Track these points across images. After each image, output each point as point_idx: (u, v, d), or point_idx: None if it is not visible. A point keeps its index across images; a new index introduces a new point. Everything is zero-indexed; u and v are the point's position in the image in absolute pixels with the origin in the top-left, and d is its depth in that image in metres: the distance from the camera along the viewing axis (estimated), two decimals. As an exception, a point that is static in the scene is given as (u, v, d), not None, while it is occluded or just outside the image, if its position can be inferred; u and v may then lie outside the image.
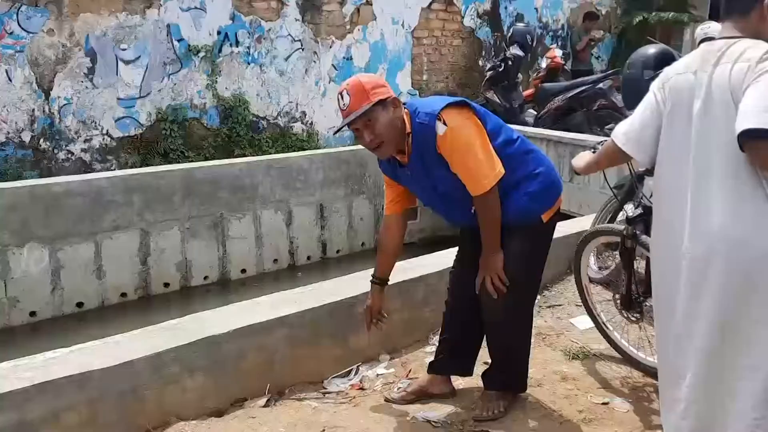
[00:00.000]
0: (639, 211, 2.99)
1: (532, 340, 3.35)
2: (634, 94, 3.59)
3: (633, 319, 3.04)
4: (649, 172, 3.11)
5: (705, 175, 1.81)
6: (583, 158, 2.59)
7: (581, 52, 10.16)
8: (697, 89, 1.85)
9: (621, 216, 3.98)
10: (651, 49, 3.55)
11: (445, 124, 2.38)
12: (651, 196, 2.97)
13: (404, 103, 2.54)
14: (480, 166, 2.41)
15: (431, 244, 2.68)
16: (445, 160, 2.43)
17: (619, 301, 3.05)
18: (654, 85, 2.00)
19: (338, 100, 2.45)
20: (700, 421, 1.85)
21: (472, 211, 2.52)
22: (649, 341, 3.12)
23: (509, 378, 2.75)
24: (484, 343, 2.82)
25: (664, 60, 3.41)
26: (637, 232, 2.90)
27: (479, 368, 2.88)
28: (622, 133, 2.09)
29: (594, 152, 2.66)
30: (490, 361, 2.81)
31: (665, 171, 1.95)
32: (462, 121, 2.43)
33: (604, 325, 3.28)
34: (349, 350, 3.14)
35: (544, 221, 2.60)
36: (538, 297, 3.90)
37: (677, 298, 1.88)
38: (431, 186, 2.56)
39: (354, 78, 2.48)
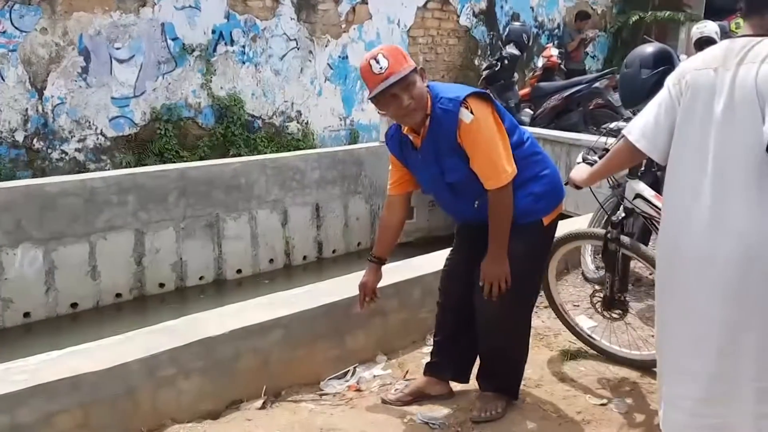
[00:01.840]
0: (621, 214, 2.97)
1: (530, 341, 3.36)
2: (632, 92, 3.58)
3: (616, 316, 3.04)
4: (632, 175, 3.08)
5: (727, 176, 1.78)
6: (582, 170, 2.56)
7: (574, 52, 10.15)
8: (719, 87, 1.81)
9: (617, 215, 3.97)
10: (649, 48, 3.52)
11: (471, 112, 2.36)
12: (633, 198, 2.95)
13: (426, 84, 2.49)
14: (500, 160, 2.39)
15: (427, 244, 2.66)
16: (461, 149, 2.40)
17: (600, 303, 3.04)
18: (669, 81, 1.96)
19: (371, 64, 2.35)
20: (713, 419, 1.83)
21: (476, 205, 2.50)
22: (643, 339, 3.12)
23: (502, 383, 2.72)
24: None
25: (663, 59, 3.39)
26: (619, 235, 2.89)
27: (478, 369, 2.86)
28: (638, 133, 2.03)
29: (587, 162, 2.64)
30: (481, 362, 2.77)
31: (679, 169, 1.92)
32: (487, 112, 2.41)
33: (590, 336, 3.27)
34: (346, 351, 3.12)
35: (545, 224, 2.59)
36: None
37: (693, 299, 1.86)
38: (439, 174, 2.52)
39: (385, 45, 2.46)
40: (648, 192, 2.97)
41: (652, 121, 1.98)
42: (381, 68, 2.33)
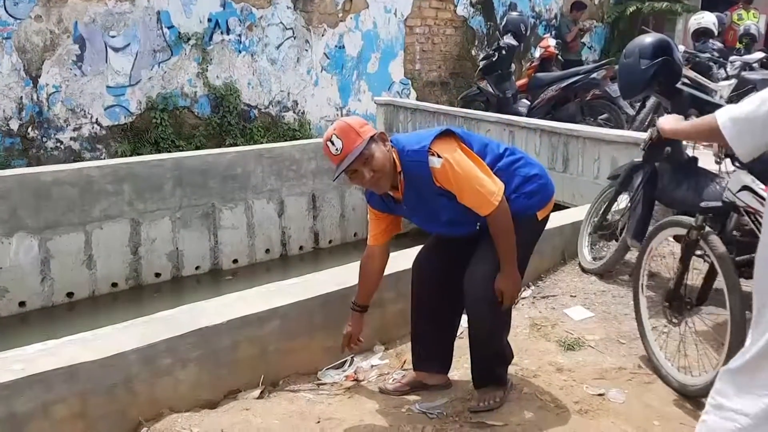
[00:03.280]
0: (716, 204, 2.73)
1: (526, 331, 3.37)
2: (631, 83, 3.56)
3: (673, 321, 2.82)
4: (743, 166, 2.92)
5: None
6: (671, 121, 2.47)
7: (571, 43, 10.12)
8: None
9: (615, 207, 3.97)
10: (648, 38, 3.48)
11: (439, 156, 2.40)
12: (738, 190, 2.69)
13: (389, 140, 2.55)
14: (485, 186, 2.42)
15: (422, 235, 2.64)
16: (445, 190, 2.44)
17: (665, 296, 2.84)
18: None
19: (328, 146, 2.41)
20: None
21: (478, 226, 2.53)
22: (684, 352, 2.89)
23: (494, 374, 2.72)
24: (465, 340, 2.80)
25: (662, 49, 3.36)
26: (707, 228, 2.62)
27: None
28: (729, 117, 1.89)
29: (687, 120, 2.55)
30: (474, 358, 2.77)
31: None
32: (453, 149, 2.45)
33: (643, 323, 3.05)
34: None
35: (539, 218, 2.64)
36: (532, 287, 3.90)
37: None
38: (432, 215, 2.57)
39: (338, 122, 2.45)
40: (758, 185, 2.68)
41: (747, 116, 1.85)
42: (337, 149, 2.39)
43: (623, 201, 3.88)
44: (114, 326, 2.67)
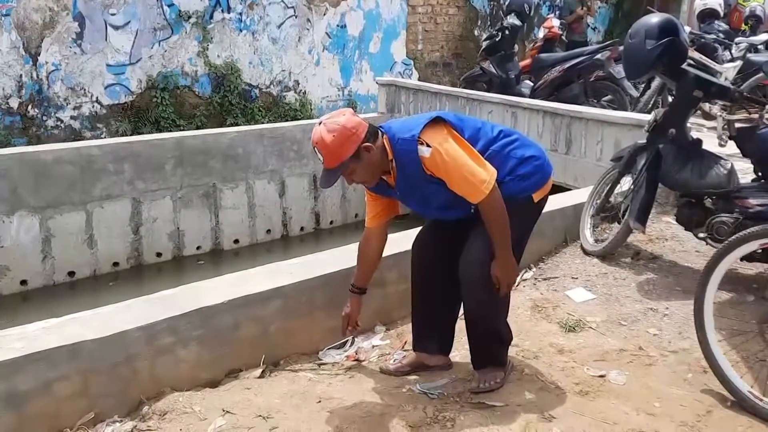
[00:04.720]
0: None
1: (528, 313, 3.37)
2: (636, 64, 3.52)
3: None
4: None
5: None
6: None
7: (575, 23, 10.01)
8: None
9: (618, 189, 3.96)
10: (654, 18, 3.43)
11: (428, 145, 2.39)
12: None
13: (380, 127, 2.53)
14: (475, 174, 2.40)
15: (422, 217, 2.65)
16: (436, 178, 2.43)
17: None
18: None
19: (314, 151, 2.48)
20: None
21: (472, 210, 2.52)
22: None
23: (493, 357, 2.72)
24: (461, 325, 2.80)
25: (668, 29, 3.31)
26: None
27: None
28: None
29: None
30: (472, 342, 2.76)
31: None
32: (443, 137, 2.43)
33: (709, 340, 2.56)
34: (344, 321, 3.11)
35: (535, 201, 2.61)
36: (534, 269, 3.89)
37: None
38: (424, 200, 2.58)
39: (319, 135, 2.42)
40: None
41: None
42: (320, 159, 2.46)
43: (626, 183, 3.86)
44: (115, 305, 2.67)
